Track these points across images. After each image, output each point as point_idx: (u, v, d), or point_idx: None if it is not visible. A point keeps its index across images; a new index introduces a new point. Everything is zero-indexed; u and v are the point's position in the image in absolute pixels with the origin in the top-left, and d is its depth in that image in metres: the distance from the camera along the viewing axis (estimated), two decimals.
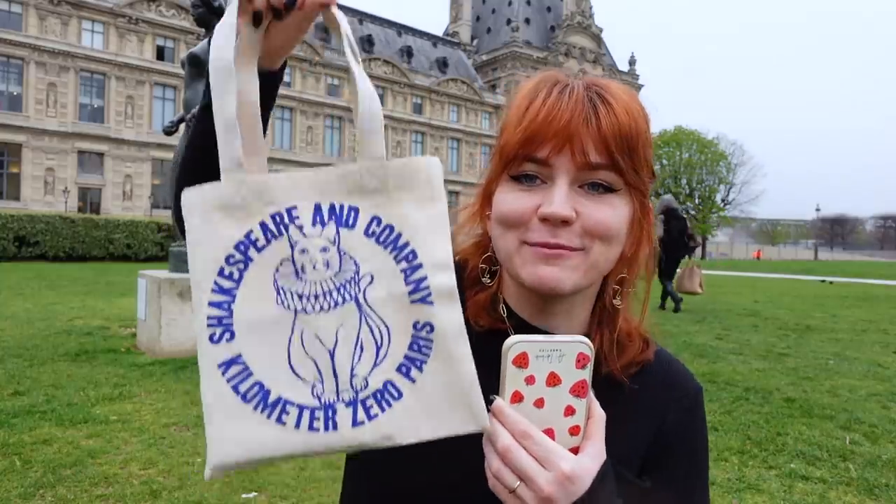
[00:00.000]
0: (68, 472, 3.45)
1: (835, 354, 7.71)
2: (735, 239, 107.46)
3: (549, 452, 0.59)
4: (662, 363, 0.82)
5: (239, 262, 0.58)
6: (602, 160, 0.67)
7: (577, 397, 0.62)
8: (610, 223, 0.69)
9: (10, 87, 44.78)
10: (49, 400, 4.79)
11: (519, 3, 77.17)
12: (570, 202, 0.67)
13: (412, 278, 0.60)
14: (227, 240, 0.58)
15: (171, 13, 50.17)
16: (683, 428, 0.80)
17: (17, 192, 44.77)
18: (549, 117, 0.67)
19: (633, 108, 0.69)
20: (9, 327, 8.00)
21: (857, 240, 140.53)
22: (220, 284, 0.58)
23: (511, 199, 0.71)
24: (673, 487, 0.78)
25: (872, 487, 3.54)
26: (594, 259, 0.70)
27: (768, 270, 36.29)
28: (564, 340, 0.61)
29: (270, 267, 0.59)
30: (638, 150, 0.69)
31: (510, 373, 0.60)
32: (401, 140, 63.87)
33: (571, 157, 0.67)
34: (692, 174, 72.21)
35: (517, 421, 0.59)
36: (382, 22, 69.54)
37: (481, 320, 0.77)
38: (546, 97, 0.69)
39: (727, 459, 3.95)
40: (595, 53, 78.24)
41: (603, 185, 0.69)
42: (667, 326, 9.63)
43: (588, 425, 0.63)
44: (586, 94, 0.69)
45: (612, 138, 0.67)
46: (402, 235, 0.61)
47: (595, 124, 0.67)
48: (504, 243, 0.73)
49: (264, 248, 0.59)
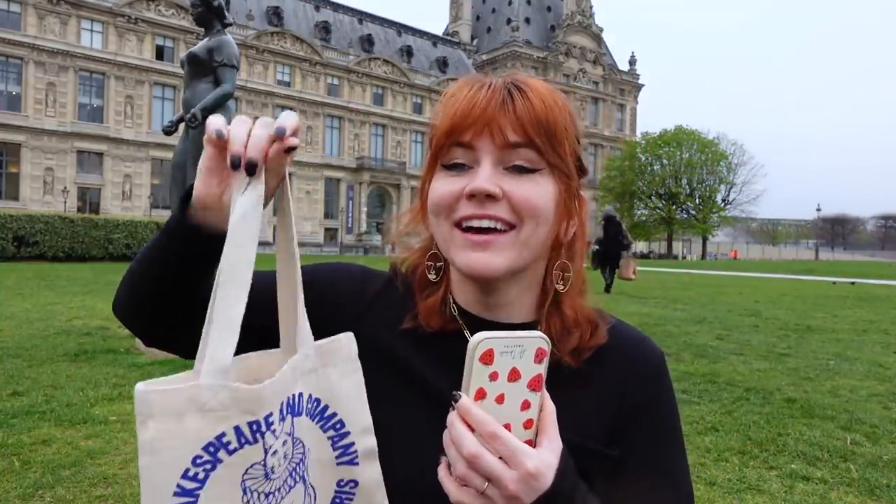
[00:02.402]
0: (67, 473, 3.44)
1: (836, 355, 7.71)
2: (735, 239, 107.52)
3: (515, 451, 0.60)
4: (620, 338, 0.83)
5: (206, 464, 0.57)
6: (519, 139, 0.73)
7: (533, 391, 0.63)
8: (535, 200, 0.73)
9: (9, 86, 44.78)
10: (48, 400, 4.78)
11: (519, 2, 77.19)
12: (494, 179, 0.72)
13: (340, 444, 0.68)
14: (196, 441, 0.57)
15: (170, 13, 50.18)
16: (648, 393, 0.81)
17: (16, 191, 44.78)
18: (469, 105, 0.73)
19: (550, 99, 0.75)
20: (8, 327, 7.99)
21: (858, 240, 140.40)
22: (183, 486, 0.56)
23: (441, 186, 0.76)
24: (642, 452, 0.79)
25: (874, 488, 3.53)
26: (524, 237, 0.74)
27: (768, 270, 36.31)
28: (525, 336, 0.62)
29: (240, 468, 0.58)
30: (556, 135, 0.74)
31: (476, 370, 0.61)
32: (401, 140, 63.87)
33: (491, 139, 0.73)
34: (692, 174, 72.16)
35: (485, 421, 0.60)
36: (382, 21, 69.54)
37: (433, 322, 0.81)
38: (468, 92, 0.75)
39: (728, 460, 3.94)
40: (595, 53, 78.23)
41: (524, 166, 0.73)
42: (667, 327, 9.62)
43: (541, 419, 0.64)
44: (504, 87, 0.75)
45: (527, 120, 0.73)
46: (329, 407, 0.67)
47: (511, 108, 0.73)
48: (440, 230, 0.77)
49: (235, 451, 0.58)
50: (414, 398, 0.78)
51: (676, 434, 0.84)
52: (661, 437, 0.82)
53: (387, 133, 63.29)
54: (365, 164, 60.00)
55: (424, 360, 0.79)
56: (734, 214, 77.64)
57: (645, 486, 0.78)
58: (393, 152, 63.16)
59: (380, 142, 62.94)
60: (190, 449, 0.57)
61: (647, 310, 11.99)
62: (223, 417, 0.57)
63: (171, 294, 0.75)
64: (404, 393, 0.79)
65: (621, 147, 75.33)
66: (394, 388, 0.79)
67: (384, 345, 0.81)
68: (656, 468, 0.79)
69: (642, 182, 72.06)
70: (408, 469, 0.74)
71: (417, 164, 64.72)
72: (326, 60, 58.68)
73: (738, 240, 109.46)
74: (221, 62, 6.98)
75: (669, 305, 13.19)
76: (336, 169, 59.17)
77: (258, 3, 58.36)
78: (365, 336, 0.75)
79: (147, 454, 0.56)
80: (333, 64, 59.13)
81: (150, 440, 0.56)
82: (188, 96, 7.09)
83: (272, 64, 55.94)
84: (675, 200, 71.43)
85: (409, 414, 0.78)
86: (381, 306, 0.83)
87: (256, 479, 0.59)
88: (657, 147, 71.97)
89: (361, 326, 0.77)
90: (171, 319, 0.77)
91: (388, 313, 0.83)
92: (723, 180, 74.13)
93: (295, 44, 57.50)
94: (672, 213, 71.54)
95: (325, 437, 0.67)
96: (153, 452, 0.56)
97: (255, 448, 0.58)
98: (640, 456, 0.79)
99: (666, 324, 9.97)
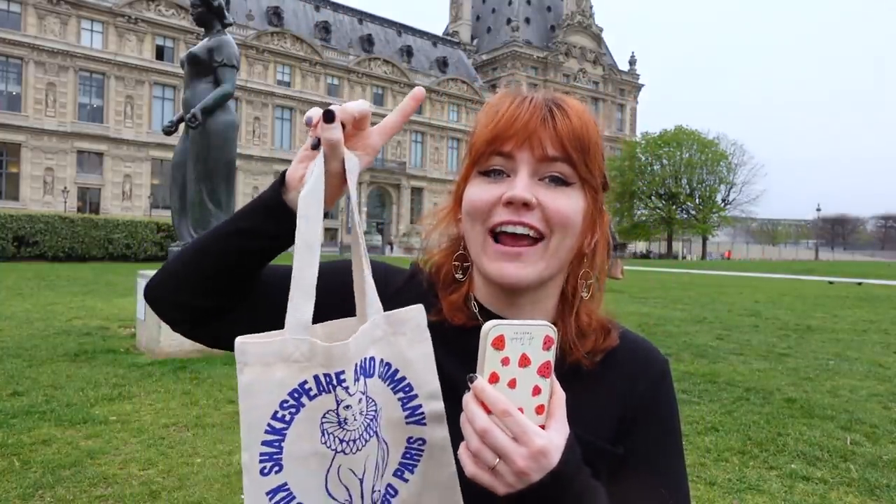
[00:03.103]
0: (67, 473, 3.44)
1: (835, 355, 7.71)
2: (735, 239, 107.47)
3: (524, 429, 0.64)
4: (628, 343, 0.89)
5: (291, 407, 0.67)
6: (557, 153, 0.77)
7: (542, 377, 0.67)
8: (566, 211, 0.78)
9: (9, 86, 44.75)
10: (48, 400, 4.78)
11: (519, 2, 77.16)
12: (530, 189, 0.77)
13: (409, 405, 0.75)
14: (282, 387, 0.66)
15: (170, 13, 50.14)
16: (651, 396, 0.86)
17: (16, 191, 44.75)
18: (512, 118, 0.78)
19: (585, 117, 0.80)
20: (8, 327, 7.99)
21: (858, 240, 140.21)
22: (273, 426, 0.66)
23: (479, 191, 0.80)
24: (643, 452, 0.83)
25: (873, 488, 3.53)
26: (553, 248, 0.79)
27: (768, 270, 36.29)
28: (533, 324, 0.66)
29: (318, 412, 0.67)
30: (590, 152, 0.79)
31: (489, 354, 0.65)
32: (401, 140, 63.84)
33: (531, 151, 0.78)
34: (692, 174, 72.11)
35: (498, 399, 0.64)
36: (382, 21, 69.51)
37: (456, 318, 0.85)
38: (510, 105, 0.80)
39: (728, 460, 3.94)
40: (595, 53, 78.21)
41: (559, 177, 0.78)
42: (667, 327, 9.63)
43: (551, 403, 0.68)
44: (545, 104, 0.80)
45: (566, 136, 0.78)
46: (399, 371, 0.74)
47: (551, 125, 0.78)
48: (473, 236, 0.81)
49: (315, 396, 0.67)
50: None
51: (676, 436, 0.88)
52: (662, 437, 0.85)
53: None
54: None
55: (444, 354, 0.81)
56: (734, 214, 77.61)
57: (645, 485, 0.81)
58: (393, 152, 63.11)
59: None
60: (278, 394, 0.66)
61: (647, 310, 11.99)
62: (305, 367, 0.67)
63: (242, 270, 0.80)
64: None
65: (621, 147, 75.24)
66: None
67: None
68: (656, 468, 0.83)
69: (642, 182, 72.03)
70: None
71: (417, 164, 64.72)
72: (326, 60, 58.64)
73: (737, 240, 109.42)
74: (221, 62, 6.98)
75: (669, 305, 13.19)
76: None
77: (258, 3, 58.32)
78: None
79: (245, 397, 0.66)
80: (333, 64, 59.09)
81: (246, 384, 0.66)
82: (188, 96, 7.09)
83: (272, 64, 55.89)
84: (675, 200, 71.42)
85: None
86: (402, 301, 0.84)
87: (332, 423, 0.68)
88: (657, 147, 71.94)
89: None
90: (227, 300, 0.82)
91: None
92: (723, 180, 74.09)
93: (295, 44, 57.45)
94: (672, 213, 71.53)
95: (396, 399, 0.74)
96: (249, 395, 0.66)
97: (329, 397, 0.67)
98: (641, 455, 0.83)
99: (666, 324, 9.97)
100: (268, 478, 0.66)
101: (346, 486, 0.70)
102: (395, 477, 0.75)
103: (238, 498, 3.26)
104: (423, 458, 0.75)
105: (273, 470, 0.67)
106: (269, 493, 0.67)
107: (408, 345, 0.75)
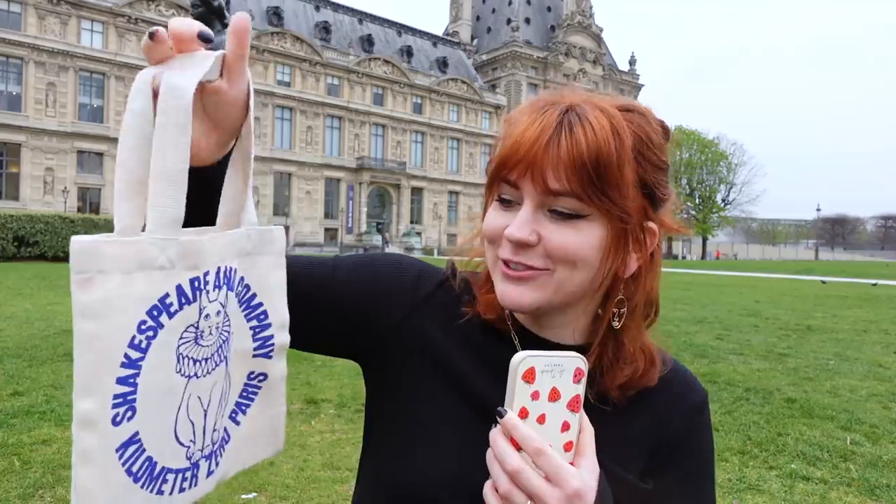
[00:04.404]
0: (67, 473, 3.44)
1: (835, 355, 7.71)
2: (734, 239, 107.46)
3: (559, 470, 0.60)
4: (668, 374, 0.82)
5: (149, 330, 0.52)
6: (559, 186, 0.68)
7: (572, 412, 0.63)
8: (570, 248, 0.69)
9: (10, 86, 44.76)
10: (48, 400, 4.79)
11: (519, 2, 77.16)
12: (530, 225, 0.69)
13: (260, 336, 0.66)
14: (142, 303, 0.52)
15: (170, 13, 50.15)
16: (689, 431, 0.81)
17: (17, 192, 44.76)
18: (517, 144, 0.69)
19: (605, 133, 0.68)
20: (8, 327, 7.99)
21: (857, 240, 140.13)
22: (130, 356, 0.51)
23: (491, 218, 0.75)
24: (677, 487, 0.79)
25: (873, 488, 3.53)
26: (559, 280, 0.71)
27: (769, 270, 36.29)
28: (565, 356, 0.63)
29: (177, 333, 0.54)
30: (608, 176, 0.67)
31: (518, 388, 0.61)
32: (401, 140, 63.86)
33: (533, 182, 0.69)
34: (692, 174, 72.16)
35: (531, 437, 0.60)
36: (382, 22, 69.54)
37: (488, 313, 0.81)
38: (523, 124, 0.70)
39: (728, 460, 3.94)
40: (595, 53, 78.21)
41: (566, 213, 0.69)
42: (667, 327, 9.63)
43: (580, 439, 0.64)
44: (558, 120, 0.68)
45: (570, 164, 0.67)
46: (257, 296, 0.65)
47: (556, 150, 0.67)
48: (489, 256, 0.77)
49: (176, 313, 0.54)
50: (450, 393, 0.79)
51: (709, 471, 0.84)
52: (694, 474, 0.82)
53: (387, 133, 63.24)
54: (365, 164, 59.97)
55: (466, 357, 0.79)
56: (734, 214, 77.68)
57: None
58: (393, 152, 63.11)
59: (380, 142, 62.90)
60: (136, 313, 0.51)
61: None
62: (169, 275, 0.53)
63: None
64: (442, 388, 0.79)
65: None
66: (432, 381, 0.79)
67: (430, 339, 0.81)
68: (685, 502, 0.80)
69: None
70: (443, 465, 0.75)
71: (417, 164, 64.71)
72: (326, 60, 58.63)
73: (737, 240, 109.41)
74: None
75: (669, 305, 13.19)
76: (336, 169, 59.13)
77: (258, 3, 58.33)
78: (413, 327, 0.79)
79: (91, 318, 0.50)
80: (333, 64, 59.07)
81: (99, 300, 0.50)
82: None
83: (272, 64, 55.89)
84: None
85: (445, 408, 0.78)
86: (433, 302, 0.83)
87: (188, 343, 0.55)
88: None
89: (410, 318, 0.81)
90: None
91: (438, 311, 0.83)
92: (723, 180, 74.16)
93: (295, 44, 57.45)
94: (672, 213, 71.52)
95: (248, 327, 0.65)
96: (101, 316, 0.50)
97: (192, 308, 0.55)
98: (673, 492, 0.79)
99: (666, 324, 9.98)
100: (119, 427, 0.51)
101: (193, 421, 0.58)
102: (229, 420, 0.66)
103: (238, 498, 3.26)
104: (258, 396, 0.68)
105: (126, 416, 0.51)
106: (119, 448, 0.52)
107: (269, 268, 0.66)
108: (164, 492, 0.56)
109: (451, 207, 65.73)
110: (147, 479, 0.54)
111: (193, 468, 0.59)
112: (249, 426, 0.68)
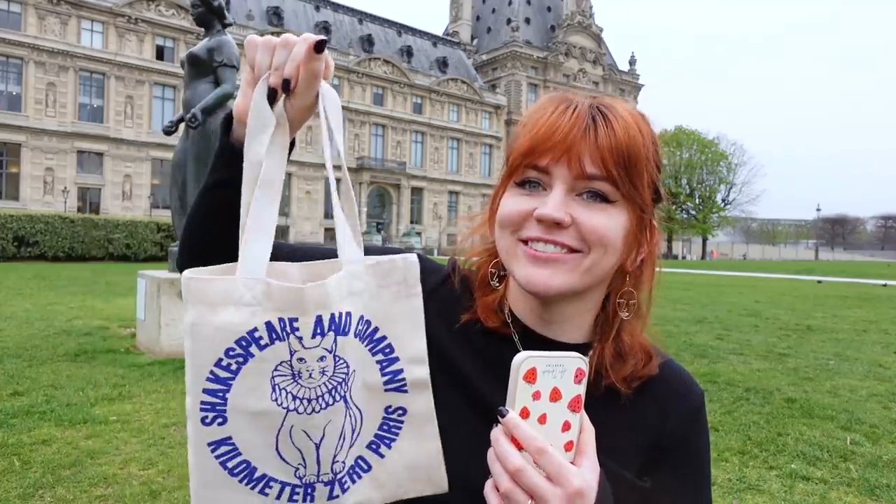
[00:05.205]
0: (67, 473, 3.44)
1: (835, 355, 7.71)
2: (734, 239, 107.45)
3: (560, 469, 0.61)
4: (665, 372, 0.84)
5: (238, 357, 0.61)
6: (596, 171, 0.71)
7: (573, 412, 0.64)
8: (604, 230, 0.72)
9: (10, 86, 44.73)
10: (48, 400, 4.78)
11: (519, 2, 77.13)
12: (564, 207, 0.71)
13: (388, 370, 0.68)
14: (228, 333, 0.60)
15: (170, 13, 50.13)
16: (685, 430, 0.82)
17: (17, 191, 44.73)
18: (550, 129, 0.72)
19: (634, 128, 0.73)
20: (8, 327, 7.99)
21: (857, 240, 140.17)
22: (217, 374, 0.61)
23: (512, 203, 0.75)
24: (674, 486, 0.80)
25: (873, 488, 3.53)
26: (589, 264, 0.73)
27: (768, 270, 36.28)
28: (566, 356, 0.63)
29: (270, 364, 0.61)
30: (636, 166, 0.73)
31: (520, 388, 0.61)
32: (401, 140, 63.84)
33: (568, 167, 0.72)
34: (693, 174, 72.17)
35: (533, 437, 0.61)
36: (382, 21, 69.51)
37: (490, 321, 0.82)
38: (552, 113, 0.73)
39: (728, 460, 3.94)
40: (595, 53, 78.18)
41: (598, 193, 0.72)
42: (667, 327, 9.62)
43: (580, 439, 0.65)
44: (589, 112, 0.73)
45: (607, 151, 0.71)
46: (379, 329, 0.68)
47: (593, 137, 0.71)
48: (504, 243, 0.77)
49: (266, 346, 0.61)
50: (453, 392, 0.79)
51: (705, 470, 0.85)
52: (691, 473, 0.83)
53: (387, 133, 63.22)
54: (365, 164, 59.95)
55: (469, 358, 0.80)
56: (734, 214, 77.68)
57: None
58: (393, 152, 63.08)
59: (380, 142, 62.88)
60: (222, 341, 0.60)
61: None
62: (256, 312, 0.60)
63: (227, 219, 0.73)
64: (445, 386, 0.79)
65: None
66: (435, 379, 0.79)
67: (433, 336, 0.80)
68: (682, 501, 0.81)
69: None
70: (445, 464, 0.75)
71: (417, 164, 64.70)
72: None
73: (737, 240, 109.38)
74: (221, 62, 6.99)
75: (669, 305, 13.19)
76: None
77: (258, 3, 58.33)
78: None
79: (188, 337, 0.61)
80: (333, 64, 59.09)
81: (189, 325, 0.61)
82: (188, 96, 7.09)
83: None
84: (675, 200, 71.46)
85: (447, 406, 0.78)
86: (437, 298, 0.83)
87: (285, 377, 0.62)
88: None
89: None
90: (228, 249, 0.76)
91: (441, 308, 0.83)
92: (723, 180, 74.15)
93: None
94: (672, 213, 71.55)
95: (374, 361, 0.67)
96: (193, 337, 0.61)
97: (282, 346, 0.61)
98: (669, 490, 0.80)
99: (666, 324, 9.96)
100: (209, 428, 0.62)
101: (300, 448, 0.64)
102: (368, 449, 0.68)
103: None
104: (403, 430, 0.69)
105: (216, 421, 0.61)
106: (211, 444, 0.62)
107: (392, 299, 0.68)
108: (268, 494, 0.64)
109: (451, 207, 65.70)
110: (246, 477, 0.64)
111: (307, 487, 0.65)
112: (399, 459, 0.70)
